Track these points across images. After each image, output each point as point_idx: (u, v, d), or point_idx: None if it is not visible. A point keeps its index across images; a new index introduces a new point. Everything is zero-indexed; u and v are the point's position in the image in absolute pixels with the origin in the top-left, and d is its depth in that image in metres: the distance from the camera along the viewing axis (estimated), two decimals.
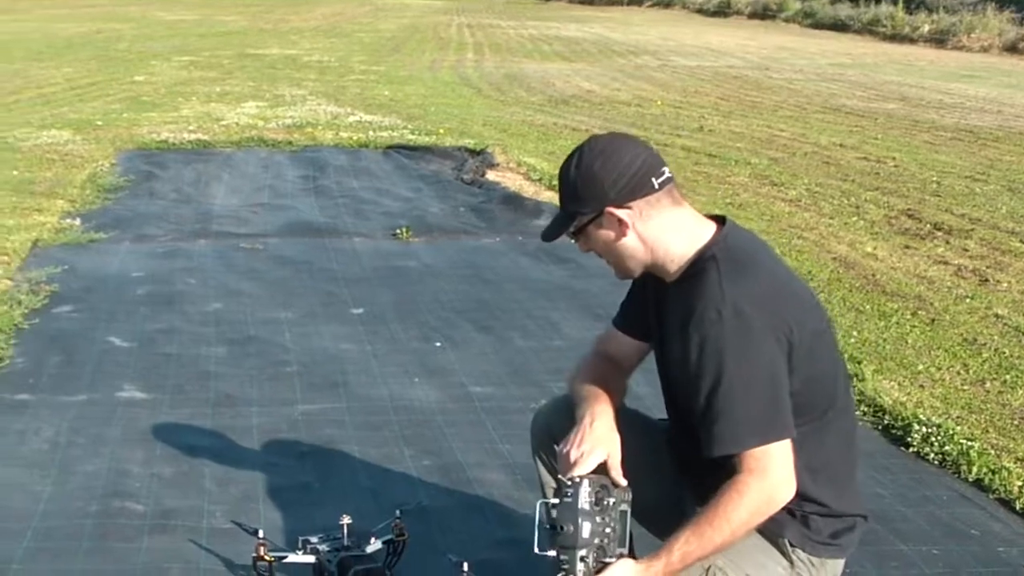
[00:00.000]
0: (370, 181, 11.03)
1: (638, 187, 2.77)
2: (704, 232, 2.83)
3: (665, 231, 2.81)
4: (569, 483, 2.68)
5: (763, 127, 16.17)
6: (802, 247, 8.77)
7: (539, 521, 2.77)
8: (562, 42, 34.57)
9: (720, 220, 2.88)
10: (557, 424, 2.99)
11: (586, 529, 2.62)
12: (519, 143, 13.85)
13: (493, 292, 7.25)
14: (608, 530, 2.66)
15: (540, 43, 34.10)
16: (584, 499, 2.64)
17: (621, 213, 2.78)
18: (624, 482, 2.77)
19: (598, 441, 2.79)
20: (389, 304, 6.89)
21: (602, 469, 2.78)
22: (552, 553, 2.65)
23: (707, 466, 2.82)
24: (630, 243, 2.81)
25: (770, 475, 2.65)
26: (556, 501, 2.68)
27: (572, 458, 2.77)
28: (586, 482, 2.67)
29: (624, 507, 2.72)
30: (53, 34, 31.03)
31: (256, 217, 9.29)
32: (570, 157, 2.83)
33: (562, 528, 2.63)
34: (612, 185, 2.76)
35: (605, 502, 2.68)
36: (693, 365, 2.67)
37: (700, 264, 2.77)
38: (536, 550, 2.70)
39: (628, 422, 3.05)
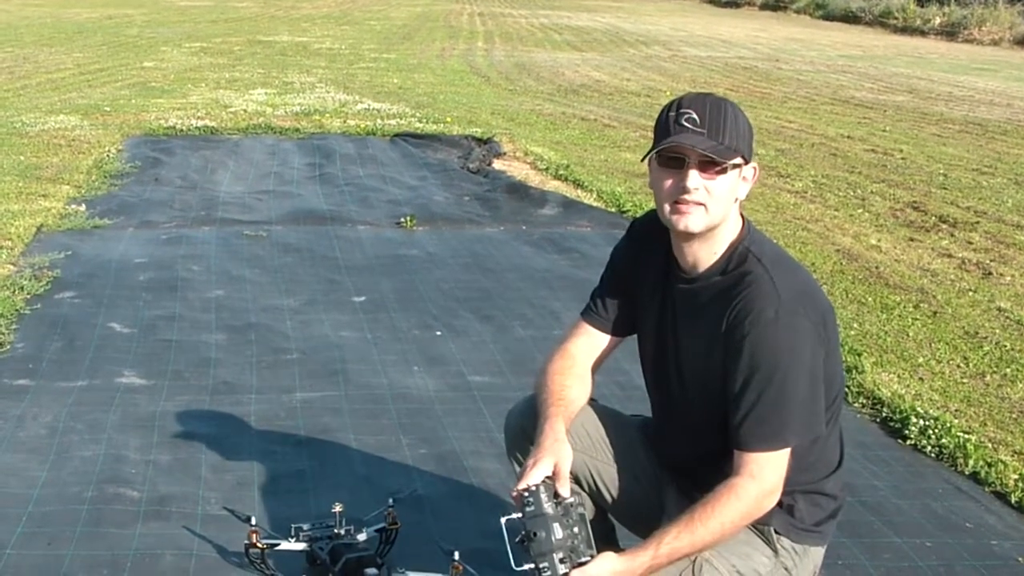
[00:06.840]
0: (376, 169, 11.03)
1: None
2: (739, 221, 2.86)
3: (736, 206, 2.83)
4: (527, 493, 2.70)
5: (771, 118, 16.14)
6: (806, 239, 8.77)
7: (508, 538, 2.74)
8: (573, 31, 34.57)
9: None
10: (530, 424, 2.98)
11: (557, 531, 2.64)
12: (527, 132, 13.84)
13: (494, 281, 7.25)
14: (575, 529, 2.68)
15: (551, 32, 34.12)
16: (546, 503, 2.67)
17: (754, 172, 2.84)
18: (569, 496, 2.75)
19: (544, 452, 2.79)
20: (390, 292, 6.89)
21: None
22: (530, 566, 2.65)
23: (701, 463, 2.85)
24: (734, 202, 2.80)
25: (766, 481, 2.70)
26: (519, 515, 2.69)
27: (519, 470, 2.80)
28: (541, 487, 2.70)
29: (581, 510, 2.73)
30: (65, 19, 31.10)
31: (261, 204, 9.29)
32: (720, 99, 2.81)
33: (535, 535, 2.64)
34: (751, 144, 2.82)
35: (564, 504, 2.70)
36: (745, 363, 2.69)
37: (739, 258, 2.79)
38: (513, 566, 2.70)
39: (602, 419, 3.09)
